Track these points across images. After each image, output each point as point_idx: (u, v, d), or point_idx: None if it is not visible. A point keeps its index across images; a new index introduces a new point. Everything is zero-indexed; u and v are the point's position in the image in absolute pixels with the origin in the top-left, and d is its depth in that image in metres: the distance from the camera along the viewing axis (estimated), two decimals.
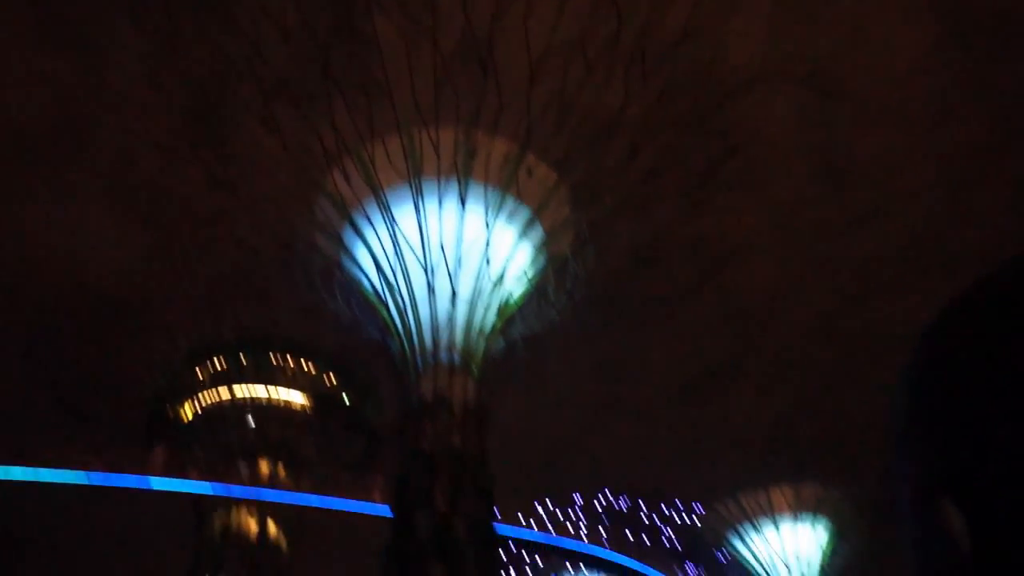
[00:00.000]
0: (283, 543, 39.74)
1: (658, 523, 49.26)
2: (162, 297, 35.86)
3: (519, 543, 37.19)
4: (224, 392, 40.18)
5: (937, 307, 0.79)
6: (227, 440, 38.85)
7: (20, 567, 58.37)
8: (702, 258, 30.15)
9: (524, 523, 37.13)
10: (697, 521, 50.44)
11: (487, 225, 27.20)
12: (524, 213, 27.71)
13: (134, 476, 32.60)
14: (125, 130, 27.27)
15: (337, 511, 33.81)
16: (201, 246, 29.74)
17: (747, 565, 50.84)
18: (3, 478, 30.52)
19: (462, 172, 26.88)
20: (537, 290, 28.99)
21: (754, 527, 50.35)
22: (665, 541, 48.70)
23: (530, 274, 28.34)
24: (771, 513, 49.93)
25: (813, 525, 49.63)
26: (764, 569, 50.24)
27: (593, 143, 26.27)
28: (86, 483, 31.21)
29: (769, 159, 27.39)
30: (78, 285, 35.14)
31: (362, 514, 32.72)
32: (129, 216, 29.93)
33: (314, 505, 34.13)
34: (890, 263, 52.22)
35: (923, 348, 0.76)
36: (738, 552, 51.09)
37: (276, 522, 39.38)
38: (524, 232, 27.76)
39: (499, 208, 27.28)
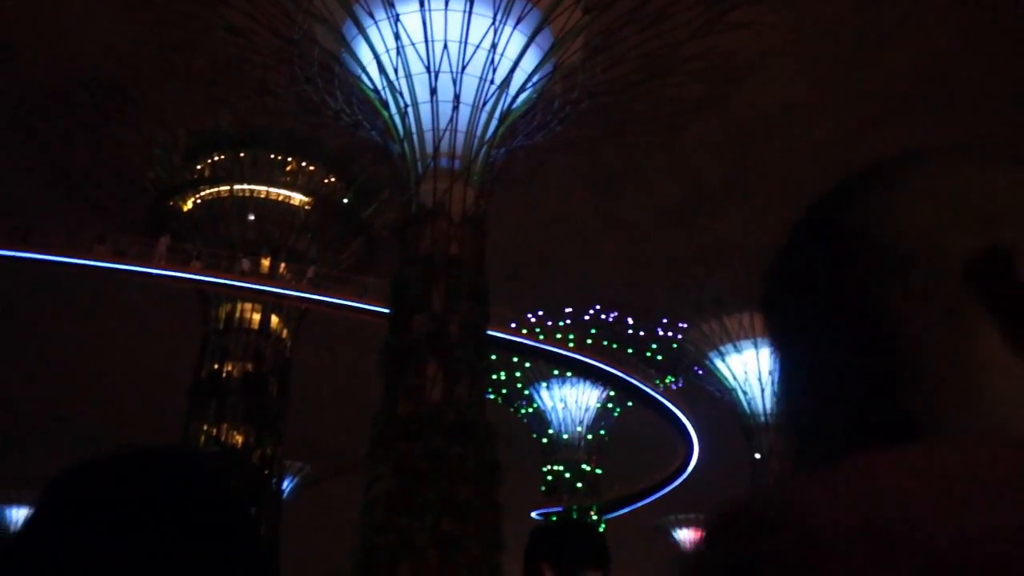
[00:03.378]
0: (285, 336, 41.62)
1: (642, 337, 51.28)
2: (159, 85, 34.89)
3: (509, 346, 39.02)
4: (224, 188, 40.29)
5: (938, 150, 0.67)
6: (228, 234, 39.47)
7: (29, 341, 61.34)
8: (713, 75, 29.19)
9: (515, 329, 38.77)
10: (681, 337, 52.53)
11: (495, 27, 26.14)
12: (533, 16, 26.55)
13: (139, 266, 33.39)
14: None
15: (337, 308, 35.01)
16: (196, 32, 28.53)
17: (723, 380, 53.71)
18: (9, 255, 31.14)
19: None
20: (541, 98, 28.38)
21: (735, 348, 52.60)
22: (648, 354, 50.97)
23: (535, 81, 27.62)
24: (753, 336, 51.98)
25: None
26: (739, 385, 53.16)
27: None
28: (92, 265, 32.03)
29: None
30: (71, 68, 34.06)
31: (361, 312, 33.95)
32: None
33: (315, 300, 35.29)
34: (899, 97, 50.85)
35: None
36: (716, 369, 53.74)
37: (279, 316, 41.02)
38: (532, 37, 26.73)
39: (508, 9, 26.09)
